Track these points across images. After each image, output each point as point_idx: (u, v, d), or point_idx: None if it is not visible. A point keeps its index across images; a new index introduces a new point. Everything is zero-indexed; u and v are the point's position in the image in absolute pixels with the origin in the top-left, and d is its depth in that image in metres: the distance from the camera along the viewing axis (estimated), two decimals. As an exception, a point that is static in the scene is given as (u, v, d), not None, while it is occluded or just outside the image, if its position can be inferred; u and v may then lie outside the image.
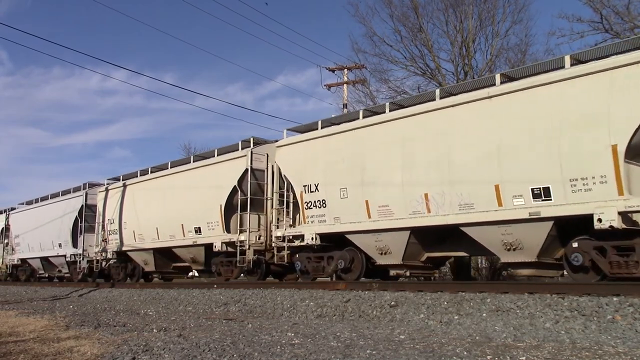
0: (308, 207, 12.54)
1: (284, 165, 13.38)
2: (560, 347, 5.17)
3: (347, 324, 7.51)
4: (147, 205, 17.47)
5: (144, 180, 17.95)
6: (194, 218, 15.40)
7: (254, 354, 4.93)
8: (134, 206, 18.07)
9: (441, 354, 4.80)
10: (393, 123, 11.09)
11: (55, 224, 22.22)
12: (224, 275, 15.01)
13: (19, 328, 7.57)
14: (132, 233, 17.98)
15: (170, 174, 16.82)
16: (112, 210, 19.13)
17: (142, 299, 13.13)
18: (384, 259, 11.35)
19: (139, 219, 17.68)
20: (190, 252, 15.94)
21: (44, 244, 23.25)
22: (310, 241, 12.35)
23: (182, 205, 15.94)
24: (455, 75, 24.60)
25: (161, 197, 16.85)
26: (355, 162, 11.57)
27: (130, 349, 5.28)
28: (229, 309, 10.32)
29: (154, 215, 16.98)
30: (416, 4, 25.02)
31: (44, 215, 23.29)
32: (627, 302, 6.62)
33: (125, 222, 18.28)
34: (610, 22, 19.99)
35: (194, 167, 16.02)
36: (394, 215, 10.78)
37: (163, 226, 16.59)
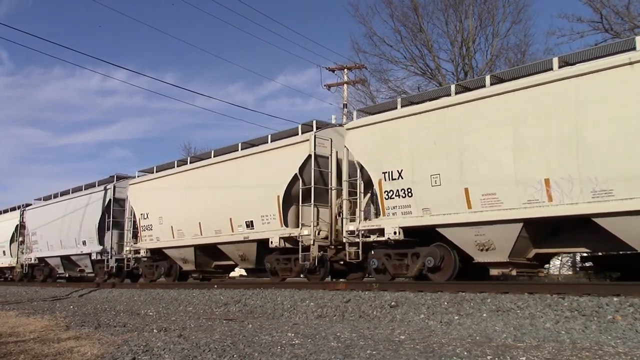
0: (389, 197, 10.99)
1: (357, 150, 11.81)
2: (560, 347, 5.17)
3: (347, 324, 7.51)
4: (188, 198, 15.81)
5: (184, 171, 16.32)
6: (245, 211, 13.89)
7: (254, 354, 4.93)
8: (172, 199, 16.43)
9: (441, 354, 4.80)
10: (500, 98, 9.56)
11: (78, 220, 20.78)
12: (280, 275, 13.60)
13: (19, 328, 7.57)
14: (169, 229, 16.40)
15: (215, 163, 15.23)
16: (145, 204, 17.60)
17: (143, 299, 13.13)
18: (484, 255, 9.87)
19: (179, 213, 16.12)
20: (240, 249, 14.44)
21: (65, 241, 21.76)
22: (392, 236, 10.78)
23: (230, 197, 14.37)
24: (455, 75, 24.66)
25: (205, 189, 15.22)
26: (450, 144, 10.07)
27: (131, 349, 5.28)
28: (229, 309, 10.32)
29: (197, 209, 15.40)
30: (416, 4, 25.11)
31: (65, 210, 21.83)
32: (628, 302, 6.62)
33: (161, 216, 16.76)
34: (610, 22, 20.01)
35: (243, 155, 14.39)
36: (503, 205, 9.30)
37: (207, 221, 15.05)
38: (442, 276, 10.45)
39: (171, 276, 17.29)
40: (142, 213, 17.60)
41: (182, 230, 15.99)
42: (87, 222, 20.18)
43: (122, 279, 19.24)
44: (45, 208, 23.78)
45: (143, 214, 17.59)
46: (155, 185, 17.26)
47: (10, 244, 26.39)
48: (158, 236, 16.87)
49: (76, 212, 20.99)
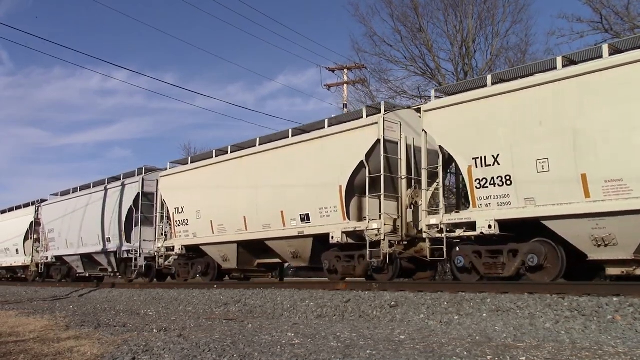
0: (481, 186, 9.72)
1: (439, 134, 10.54)
2: (560, 347, 5.18)
3: (347, 324, 7.52)
4: (231, 190, 14.45)
5: (225, 161, 15.01)
6: (299, 203, 12.59)
7: (254, 354, 4.93)
8: (212, 192, 15.05)
9: (441, 354, 4.80)
10: (627, 68, 8.20)
11: (101, 216, 19.44)
12: (340, 273, 12.15)
13: (19, 328, 7.58)
14: (208, 223, 15.06)
15: (262, 152, 13.90)
16: (179, 198, 16.21)
17: (142, 299, 13.14)
18: (602, 252, 8.58)
19: (220, 207, 14.75)
20: (292, 245, 13.03)
21: (86, 238, 20.33)
22: (485, 230, 9.44)
23: (281, 188, 13.06)
24: (456, 75, 24.63)
25: (250, 180, 13.93)
26: (561, 124, 8.78)
27: (131, 349, 5.28)
28: (229, 309, 10.32)
29: (241, 202, 14.08)
30: (416, 3, 25.08)
31: (86, 206, 20.48)
32: (627, 302, 6.62)
33: (199, 210, 15.42)
34: (610, 22, 20.01)
35: (296, 142, 13.02)
36: (633, 194, 8.04)
37: (254, 214, 13.72)
38: (545, 276, 9.17)
39: (208, 275, 15.82)
40: (177, 207, 16.23)
41: (223, 225, 14.67)
42: (112, 217, 18.81)
43: (151, 279, 18.01)
44: (64, 203, 22.26)
45: (177, 208, 16.20)
46: (191, 177, 15.98)
47: (24, 241, 25.18)
48: (195, 232, 15.58)
49: (99, 208, 19.58)
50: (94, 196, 20.29)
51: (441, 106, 10.57)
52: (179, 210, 16.17)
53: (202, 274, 15.89)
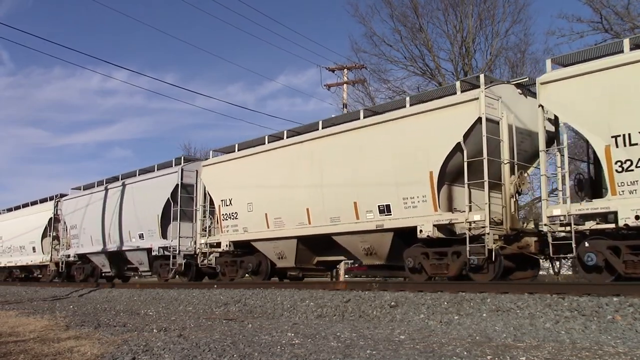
0: (624, 169, 8.25)
1: (562, 109, 9.14)
2: (560, 347, 5.18)
3: (347, 324, 7.51)
4: (291, 179, 12.95)
5: (281, 147, 13.44)
6: (377, 193, 11.11)
7: (254, 354, 4.93)
8: (266, 181, 13.55)
9: (441, 354, 4.80)
10: None
11: (133, 210, 17.77)
12: (429, 272, 10.46)
13: (19, 328, 7.57)
14: (262, 217, 13.57)
15: (326, 136, 12.39)
16: (226, 189, 14.74)
17: (142, 299, 13.13)
18: None
19: (277, 198, 13.25)
20: (367, 240, 11.53)
21: (115, 235, 18.68)
22: (632, 222, 8.09)
23: (353, 176, 11.56)
24: (455, 75, 24.64)
25: (314, 167, 12.39)
26: None
27: (131, 349, 5.28)
28: (229, 309, 10.32)
29: (303, 193, 12.61)
30: (416, 3, 25.12)
31: (114, 200, 18.85)
32: (627, 302, 6.62)
33: (250, 202, 13.94)
34: (610, 22, 20.02)
35: (369, 124, 11.51)
36: None
37: (319, 206, 12.22)
38: None
39: (260, 274, 14.32)
40: (224, 199, 14.69)
41: (280, 218, 13.18)
42: (147, 212, 17.10)
43: (190, 278, 16.50)
44: (87, 198, 20.59)
45: (224, 200, 14.66)
46: (240, 166, 14.46)
47: (42, 239, 23.50)
48: (246, 226, 14.10)
49: (130, 201, 18.00)
50: (123, 189, 18.56)
51: (565, 77, 9.06)
52: (227, 202, 14.64)
53: (253, 272, 14.38)
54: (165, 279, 16.82)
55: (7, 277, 27.38)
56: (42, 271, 24.47)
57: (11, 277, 27.29)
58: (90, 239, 20.14)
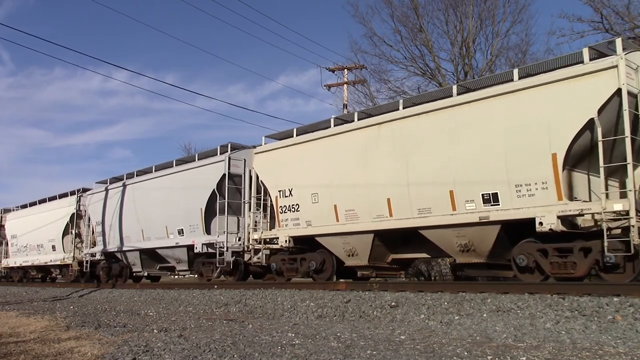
0: None
1: None
2: (560, 347, 5.18)
3: (347, 324, 7.52)
4: (365, 165, 11.46)
5: (353, 130, 11.91)
6: (479, 180, 9.72)
7: (254, 355, 4.93)
8: (335, 169, 12.10)
9: (441, 354, 4.80)
10: None
11: (171, 204, 16.18)
12: (550, 272, 8.96)
13: (19, 329, 7.58)
14: (330, 209, 12.06)
15: (413, 116, 10.75)
16: (284, 178, 13.26)
17: (143, 299, 13.14)
18: None
19: (348, 187, 11.81)
20: (465, 234, 10.08)
21: (149, 231, 17.13)
22: None
23: (448, 161, 10.08)
24: (456, 75, 24.65)
25: (396, 152, 10.95)
26: None
27: (131, 350, 5.28)
28: (229, 309, 10.32)
29: (382, 181, 11.13)
30: (416, 3, 25.09)
31: (149, 192, 17.36)
32: (628, 302, 6.62)
33: (315, 193, 12.43)
34: (610, 22, 20.02)
35: (467, 101, 9.98)
36: None
37: (402, 196, 10.77)
38: None
39: (323, 272, 12.72)
40: (282, 190, 13.26)
41: (354, 210, 11.69)
42: (188, 205, 15.51)
43: (238, 277, 14.88)
44: (116, 191, 19.04)
45: (283, 190, 13.22)
46: (302, 152, 12.95)
47: (62, 237, 21.94)
48: (309, 219, 12.61)
49: (167, 194, 16.41)
50: (159, 181, 16.98)
51: None
52: (285, 193, 13.15)
53: (316, 271, 12.77)
54: (208, 279, 15.29)
55: (22, 278, 25.87)
56: (63, 271, 22.96)
57: (26, 277, 25.84)
58: (119, 235, 18.50)
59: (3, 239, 27.27)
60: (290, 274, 13.26)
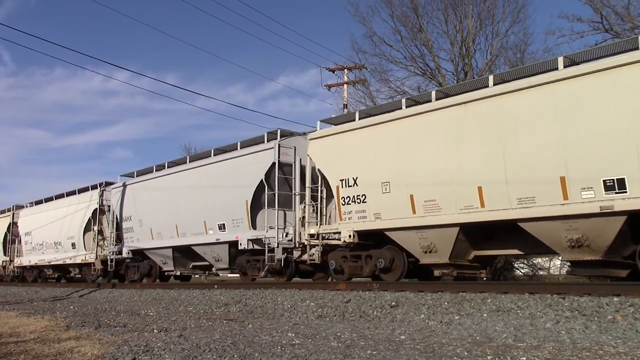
0: None
1: None
2: (560, 347, 5.18)
3: (347, 324, 7.52)
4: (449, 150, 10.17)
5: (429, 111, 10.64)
6: (600, 162, 8.35)
7: (254, 355, 4.93)
8: (410, 154, 10.75)
9: (442, 354, 4.80)
10: None
11: (210, 197, 14.86)
12: None
13: (19, 328, 7.58)
14: (405, 200, 10.71)
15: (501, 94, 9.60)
16: (346, 166, 11.93)
17: (143, 299, 13.14)
18: None
19: (426, 175, 10.46)
20: (577, 227, 8.70)
21: (185, 226, 15.76)
22: None
23: (558, 140, 8.79)
24: (456, 75, 24.65)
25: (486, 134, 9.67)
26: None
27: (131, 350, 5.28)
28: (229, 309, 10.32)
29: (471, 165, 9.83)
30: (416, 3, 25.09)
31: (181, 185, 15.98)
32: (628, 302, 6.62)
33: (386, 182, 11.07)
34: (610, 22, 20.02)
35: (579, 74, 8.68)
36: None
37: (499, 183, 9.52)
38: None
39: (392, 272, 11.40)
40: (344, 179, 11.93)
41: (434, 201, 10.37)
42: (231, 197, 14.16)
43: (289, 276, 13.43)
44: (146, 184, 17.72)
45: (345, 179, 11.90)
46: (368, 137, 11.61)
47: (83, 234, 20.50)
48: (378, 211, 11.31)
49: (206, 186, 15.15)
50: (197, 172, 15.64)
51: None
52: (348, 182, 11.87)
53: (383, 270, 11.42)
54: (253, 278, 14.07)
55: (37, 278, 24.67)
56: (83, 270, 21.62)
57: (41, 277, 24.62)
58: (149, 232, 17.16)
59: (16, 237, 25.97)
60: (353, 272, 11.98)
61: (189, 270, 17.23)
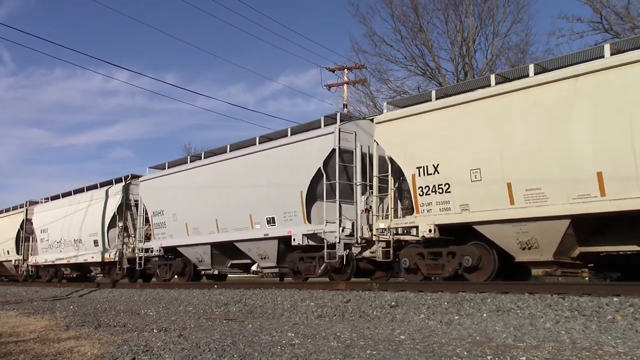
0: None
1: None
2: (560, 347, 5.18)
3: (347, 324, 7.52)
4: (559, 131, 8.80)
5: (536, 85, 9.20)
6: None
7: (254, 354, 4.93)
8: (512, 135, 9.33)
9: (441, 354, 4.80)
10: None
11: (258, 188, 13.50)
12: None
13: (19, 328, 7.58)
14: (502, 188, 9.35)
15: (633, 62, 8.11)
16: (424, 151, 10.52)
17: (143, 299, 13.14)
18: None
19: (533, 158, 9.05)
20: None
21: (225, 221, 14.42)
22: None
23: None
24: (456, 75, 24.66)
25: (609, 113, 8.26)
26: None
27: (131, 349, 5.28)
28: (229, 309, 10.32)
29: (586, 148, 8.47)
30: (416, 3, 25.11)
31: (222, 176, 14.68)
32: (628, 302, 6.62)
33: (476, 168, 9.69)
34: (610, 22, 20.03)
35: None
36: None
37: (624, 168, 8.07)
38: None
39: (479, 270, 10.00)
40: (421, 166, 10.53)
41: (539, 189, 9.02)
42: (282, 188, 12.85)
43: (349, 276, 12.17)
44: (179, 176, 16.39)
45: (423, 167, 10.50)
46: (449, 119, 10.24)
47: (107, 230, 19.16)
48: (465, 202, 9.88)
49: (252, 176, 13.75)
50: (241, 161, 14.33)
51: None
52: (427, 170, 10.50)
53: (469, 269, 9.99)
54: (306, 278, 12.84)
55: (53, 277, 23.28)
56: (107, 269, 20.13)
57: (57, 276, 23.15)
58: (184, 227, 15.79)
59: (30, 235, 24.41)
60: (431, 272, 10.56)
61: (227, 269, 16.05)
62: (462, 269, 10.08)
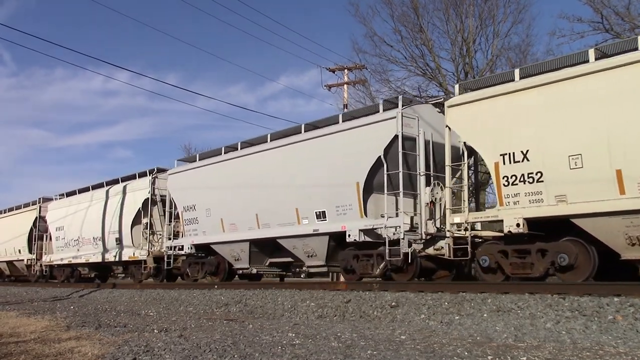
0: None
1: None
2: (561, 347, 5.18)
3: (347, 324, 7.52)
4: None
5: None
6: None
7: (254, 355, 4.94)
8: (625, 113, 8.15)
9: (442, 354, 4.80)
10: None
11: (306, 180, 12.31)
12: None
13: (19, 329, 7.58)
14: (608, 175, 8.25)
15: None
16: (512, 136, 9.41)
17: (143, 299, 13.14)
18: None
19: None
20: None
21: (268, 215, 13.38)
22: None
23: None
24: (456, 75, 24.65)
25: None
26: None
27: (131, 350, 5.28)
28: (229, 309, 10.32)
29: None
30: (416, 3, 25.09)
31: (264, 168, 13.60)
32: (628, 302, 6.62)
33: (578, 155, 8.58)
34: (610, 22, 20.04)
35: None
36: None
37: None
38: None
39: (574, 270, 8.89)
40: (506, 153, 9.45)
41: None
42: (334, 180, 11.71)
43: (412, 276, 11.06)
44: (212, 169, 15.29)
45: (509, 154, 9.44)
46: (550, 98, 8.98)
47: (131, 228, 18.07)
48: (562, 193, 8.79)
49: (298, 167, 12.69)
50: (285, 151, 13.15)
51: None
52: (514, 157, 9.35)
53: (563, 268, 8.91)
54: (360, 278, 11.71)
55: (69, 277, 22.17)
56: (131, 269, 19.20)
57: (74, 277, 22.00)
58: (220, 223, 14.73)
59: (43, 233, 23.55)
60: (516, 271, 9.41)
61: (265, 268, 14.94)
62: (555, 268, 9.04)
